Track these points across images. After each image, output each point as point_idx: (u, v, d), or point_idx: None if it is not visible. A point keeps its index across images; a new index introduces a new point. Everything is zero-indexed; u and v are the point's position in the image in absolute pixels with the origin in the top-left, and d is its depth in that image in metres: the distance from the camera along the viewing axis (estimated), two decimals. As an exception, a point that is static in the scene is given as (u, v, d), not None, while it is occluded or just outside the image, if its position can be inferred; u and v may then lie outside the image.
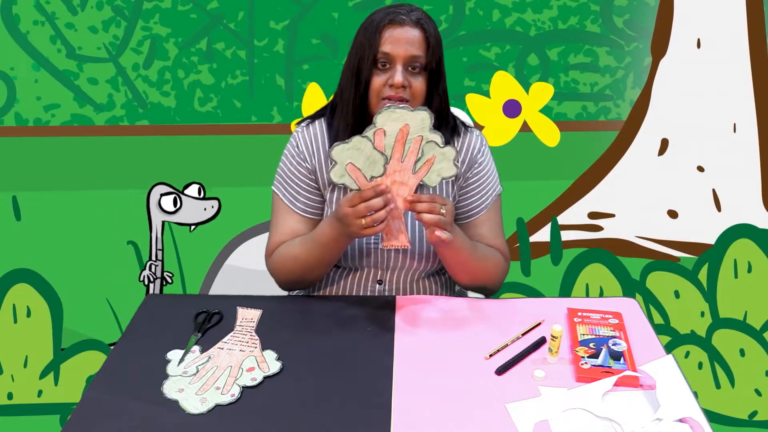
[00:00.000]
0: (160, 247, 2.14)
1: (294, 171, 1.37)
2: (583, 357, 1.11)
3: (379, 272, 1.39)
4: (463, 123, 1.41)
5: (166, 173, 2.14)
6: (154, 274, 2.13)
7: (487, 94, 2.11)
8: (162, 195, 2.12)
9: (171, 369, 1.10)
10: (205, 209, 2.13)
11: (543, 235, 2.21)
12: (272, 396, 1.05)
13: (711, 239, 2.23)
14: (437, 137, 1.16)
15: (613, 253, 2.22)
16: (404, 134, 1.15)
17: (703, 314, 2.25)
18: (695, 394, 1.00)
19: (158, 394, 1.04)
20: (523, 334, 1.20)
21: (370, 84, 1.25)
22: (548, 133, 2.13)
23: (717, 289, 2.25)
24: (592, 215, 2.21)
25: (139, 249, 2.18)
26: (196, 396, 1.04)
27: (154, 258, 2.13)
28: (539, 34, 2.07)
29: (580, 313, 1.23)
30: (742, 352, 2.24)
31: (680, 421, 0.98)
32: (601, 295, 2.22)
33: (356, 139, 1.15)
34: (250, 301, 1.30)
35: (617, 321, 1.21)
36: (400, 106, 1.14)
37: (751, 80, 2.14)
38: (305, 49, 2.07)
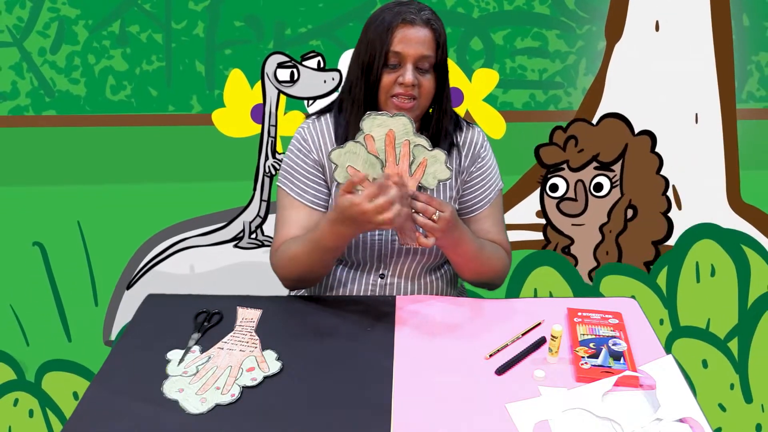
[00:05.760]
0: (274, 123, 1.92)
1: (301, 164, 1.37)
2: (583, 357, 1.11)
3: (382, 266, 1.40)
4: (465, 120, 1.45)
5: (76, 168, 1.94)
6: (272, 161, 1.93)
7: None
8: (278, 66, 1.89)
9: (171, 369, 1.10)
10: (324, 81, 1.90)
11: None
12: (272, 396, 1.04)
13: (671, 240, 2.07)
14: (423, 141, 1.19)
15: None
16: (391, 138, 1.18)
17: (662, 322, 2.09)
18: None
19: (158, 394, 1.04)
20: (523, 334, 1.20)
21: (380, 82, 1.27)
22: (493, 124, 1.96)
23: (677, 295, 2.08)
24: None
25: (45, 251, 1.99)
26: (196, 396, 1.04)
27: (267, 134, 1.93)
28: (483, 16, 1.89)
29: (580, 313, 1.23)
30: (704, 363, 2.09)
31: (680, 421, 0.98)
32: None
33: (350, 143, 1.19)
34: (250, 301, 1.30)
35: (617, 321, 1.21)
36: (380, 112, 1.18)
37: (714, 67, 1.95)
38: (227, 32, 1.86)
